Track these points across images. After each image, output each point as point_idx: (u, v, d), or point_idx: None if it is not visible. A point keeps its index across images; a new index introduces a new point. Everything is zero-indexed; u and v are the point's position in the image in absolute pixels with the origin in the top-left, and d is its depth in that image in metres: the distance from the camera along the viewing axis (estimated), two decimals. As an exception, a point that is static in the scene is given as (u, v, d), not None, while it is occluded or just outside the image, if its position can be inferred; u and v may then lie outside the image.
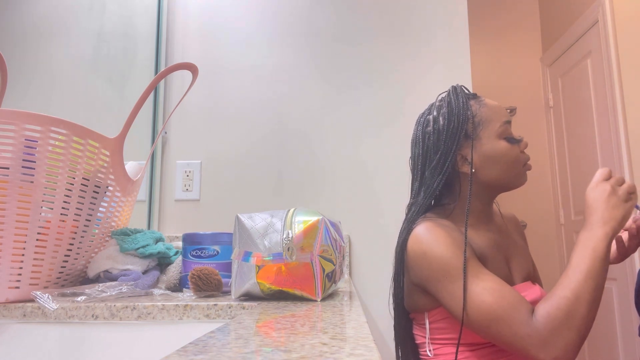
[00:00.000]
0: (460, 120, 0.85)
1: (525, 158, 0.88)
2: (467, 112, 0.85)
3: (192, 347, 0.33)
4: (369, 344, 0.34)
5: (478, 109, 0.87)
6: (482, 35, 3.00)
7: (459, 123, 0.85)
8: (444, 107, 0.88)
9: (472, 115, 0.86)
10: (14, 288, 0.74)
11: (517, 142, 0.87)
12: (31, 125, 0.73)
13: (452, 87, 0.91)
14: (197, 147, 1.47)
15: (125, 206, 0.93)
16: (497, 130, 0.85)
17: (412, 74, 1.47)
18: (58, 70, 1.31)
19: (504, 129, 0.86)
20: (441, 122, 0.87)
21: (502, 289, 0.73)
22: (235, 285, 0.69)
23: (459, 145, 0.85)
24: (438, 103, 0.91)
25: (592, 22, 2.28)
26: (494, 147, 0.85)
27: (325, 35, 1.51)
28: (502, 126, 0.86)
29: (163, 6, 1.51)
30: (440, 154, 0.86)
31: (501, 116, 0.87)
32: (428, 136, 0.88)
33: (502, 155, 0.85)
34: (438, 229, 0.79)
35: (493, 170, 0.85)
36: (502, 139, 0.85)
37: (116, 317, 0.68)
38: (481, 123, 0.86)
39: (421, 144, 0.90)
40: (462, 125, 0.85)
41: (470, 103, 0.88)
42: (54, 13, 1.34)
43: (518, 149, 0.86)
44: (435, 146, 0.87)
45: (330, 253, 0.70)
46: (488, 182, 0.87)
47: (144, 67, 1.45)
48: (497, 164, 0.85)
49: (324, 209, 1.41)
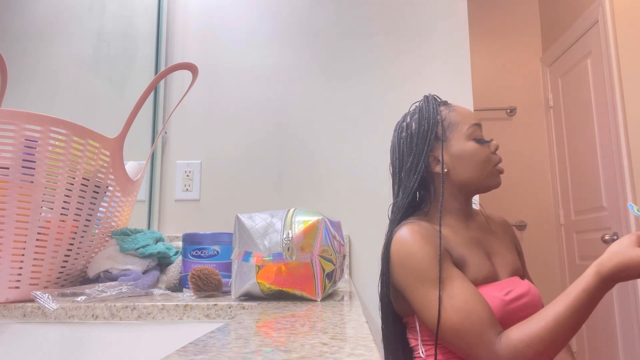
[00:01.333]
0: (430, 123, 0.90)
1: (496, 159, 0.91)
2: (437, 117, 0.91)
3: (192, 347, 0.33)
4: (369, 344, 0.34)
5: (447, 114, 0.92)
6: (482, 35, 3.00)
7: (429, 126, 0.90)
8: (416, 113, 0.94)
9: (442, 119, 0.91)
10: (14, 288, 0.74)
11: (486, 142, 0.90)
12: (31, 125, 0.73)
13: (424, 96, 0.97)
14: (197, 147, 1.47)
15: (125, 206, 0.93)
16: (466, 132, 0.90)
17: (413, 74, 1.47)
18: (58, 71, 1.31)
19: (472, 130, 0.90)
20: (413, 126, 0.92)
21: (468, 309, 0.74)
22: (235, 285, 0.69)
23: (430, 146, 0.90)
24: (412, 110, 0.97)
25: (592, 22, 2.28)
26: (463, 148, 0.89)
27: (325, 35, 1.51)
28: (470, 128, 0.90)
29: (163, 6, 1.51)
30: (414, 156, 0.91)
31: (469, 119, 0.91)
32: (403, 141, 0.94)
33: (471, 155, 0.89)
34: (416, 236, 0.82)
35: (464, 171, 0.89)
36: (471, 140, 0.90)
37: (116, 317, 0.68)
38: (450, 126, 0.91)
39: (397, 149, 0.95)
40: (432, 128, 0.90)
41: (440, 109, 0.93)
42: (54, 13, 1.34)
43: (488, 150, 0.90)
44: (408, 149, 0.92)
45: (330, 253, 0.70)
46: (461, 182, 0.90)
47: (144, 67, 1.45)
48: (467, 164, 0.89)
49: (324, 209, 1.41)
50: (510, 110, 2.88)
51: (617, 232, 2.10)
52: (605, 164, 2.22)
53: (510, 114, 2.90)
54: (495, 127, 2.91)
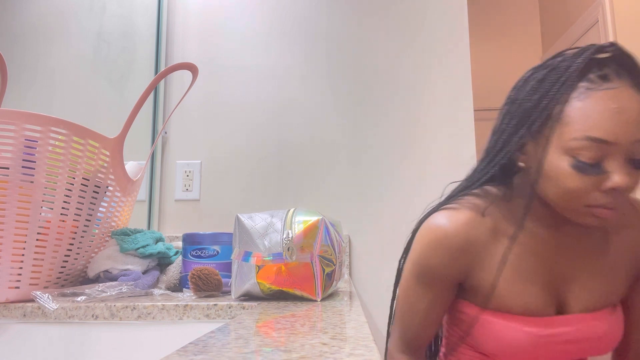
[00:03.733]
0: (545, 95, 0.61)
1: (597, 200, 0.59)
2: (560, 89, 0.60)
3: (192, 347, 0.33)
4: (369, 344, 0.34)
5: (577, 98, 0.59)
6: (482, 35, 3.00)
7: (539, 97, 0.61)
8: (554, 65, 0.62)
9: (563, 101, 0.60)
10: (14, 288, 0.74)
11: (588, 171, 0.58)
12: (31, 125, 0.73)
13: (588, 45, 0.61)
14: (197, 147, 1.47)
15: (125, 206, 0.93)
16: (569, 142, 0.58)
17: (412, 74, 1.47)
18: (58, 71, 1.31)
19: (582, 145, 0.57)
20: (530, 85, 0.63)
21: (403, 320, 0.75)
22: (235, 285, 0.69)
23: (529, 130, 0.63)
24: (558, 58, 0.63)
25: (592, 22, 2.28)
26: (551, 162, 0.61)
27: (325, 35, 1.51)
28: (580, 141, 0.57)
29: (163, 6, 1.51)
30: (514, 123, 0.65)
31: (590, 127, 0.57)
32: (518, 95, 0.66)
33: (556, 177, 0.60)
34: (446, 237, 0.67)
35: (546, 188, 0.63)
36: (570, 157, 0.59)
37: (116, 317, 0.68)
38: (559, 120, 0.60)
39: (507, 102, 0.68)
40: (541, 103, 0.61)
41: (580, 85, 0.59)
42: (54, 13, 1.34)
43: (592, 184, 0.59)
44: (514, 109, 0.66)
45: (330, 253, 0.70)
46: (540, 195, 0.66)
47: (144, 67, 1.45)
48: (549, 182, 0.62)
49: (324, 209, 1.41)
50: (510, 110, 2.88)
51: (617, 232, 2.10)
52: (605, 164, 2.21)
53: (510, 114, 2.90)
54: (495, 127, 2.91)
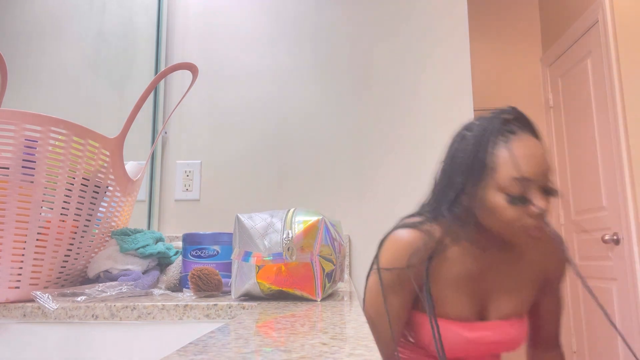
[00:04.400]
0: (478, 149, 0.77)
1: (529, 223, 0.73)
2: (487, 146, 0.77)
3: (192, 347, 0.33)
4: (369, 344, 0.34)
5: (499, 149, 0.76)
6: (482, 35, 3.00)
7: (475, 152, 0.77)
8: (478, 127, 0.80)
9: (490, 154, 0.76)
10: (14, 288, 0.74)
11: (517, 202, 0.73)
12: (31, 125, 0.73)
13: (499, 110, 0.80)
14: (197, 147, 1.47)
15: (125, 206, 0.93)
16: (501, 182, 0.74)
17: (412, 74, 1.47)
18: (58, 71, 1.31)
19: (510, 184, 0.73)
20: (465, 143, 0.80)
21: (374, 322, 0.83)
22: (235, 285, 0.69)
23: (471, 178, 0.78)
24: (478, 122, 0.82)
25: (592, 22, 2.28)
26: (488, 198, 0.75)
27: (326, 36, 1.51)
28: (509, 180, 0.73)
29: (163, 6, 1.51)
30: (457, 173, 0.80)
31: (514, 168, 0.73)
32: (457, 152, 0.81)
33: (494, 209, 0.75)
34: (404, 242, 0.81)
35: (487, 218, 0.77)
36: (502, 194, 0.74)
37: (116, 317, 0.68)
38: (488, 165, 0.76)
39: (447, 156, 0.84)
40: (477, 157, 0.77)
41: (498, 139, 0.76)
42: (54, 13, 1.34)
43: (522, 213, 0.73)
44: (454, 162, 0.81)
45: (330, 253, 0.70)
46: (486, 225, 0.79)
47: (144, 67, 1.45)
48: (489, 215, 0.76)
49: (324, 209, 1.41)
50: (510, 110, 2.88)
51: (617, 232, 2.10)
52: (605, 164, 2.21)
53: (510, 114, 2.90)
54: (495, 127, 2.91)
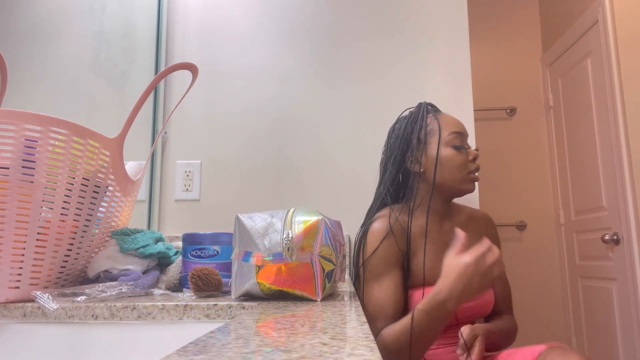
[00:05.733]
0: (415, 128, 1.03)
1: (472, 167, 0.99)
2: (422, 122, 1.03)
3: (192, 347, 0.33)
4: (369, 344, 0.34)
5: (432, 120, 1.04)
6: (482, 35, 3.00)
7: (412, 130, 1.03)
8: (406, 118, 1.07)
9: (426, 125, 1.03)
10: (14, 288, 0.74)
11: (464, 149, 0.99)
12: (31, 125, 0.73)
13: (418, 103, 1.09)
14: (197, 147, 1.47)
15: (125, 206, 0.93)
16: (445, 138, 1.00)
17: (412, 74, 1.47)
18: (58, 71, 1.31)
19: (452, 137, 1.00)
20: (401, 129, 1.06)
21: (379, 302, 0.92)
22: (235, 285, 0.69)
23: (412, 147, 1.02)
24: (405, 115, 1.10)
25: (592, 22, 2.28)
26: (441, 152, 0.99)
27: (326, 35, 1.51)
28: (450, 135, 1.00)
29: (163, 6, 1.51)
30: (395, 155, 1.04)
31: (451, 127, 1.01)
32: (392, 140, 1.08)
33: (447, 160, 0.99)
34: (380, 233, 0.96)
35: (438, 173, 0.99)
36: (449, 147, 0.99)
37: (116, 317, 0.68)
38: (432, 131, 1.02)
39: (386, 146, 1.09)
40: (415, 132, 1.03)
41: (428, 116, 1.05)
42: (54, 13, 1.34)
43: (466, 157, 0.99)
44: (393, 148, 1.06)
45: (330, 253, 0.70)
46: (436, 184, 1.00)
47: (144, 67, 1.45)
48: (442, 167, 0.99)
49: (324, 209, 1.41)
50: (510, 110, 2.88)
51: (617, 232, 2.10)
52: (605, 164, 2.21)
53: (510, 114, 2.90)
54: (495, 127, 2.91)
